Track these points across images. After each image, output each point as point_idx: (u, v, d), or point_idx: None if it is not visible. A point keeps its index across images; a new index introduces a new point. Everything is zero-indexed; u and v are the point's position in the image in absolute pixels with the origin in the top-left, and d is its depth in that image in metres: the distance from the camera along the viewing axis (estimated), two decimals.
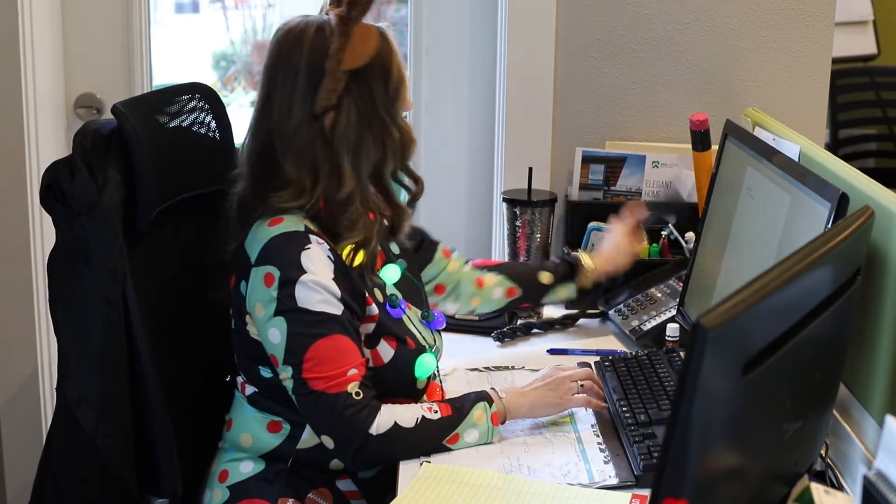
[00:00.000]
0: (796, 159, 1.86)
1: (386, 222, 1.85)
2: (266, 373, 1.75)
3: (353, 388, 1.65)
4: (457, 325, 2.18)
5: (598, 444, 1.75)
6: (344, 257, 1.73)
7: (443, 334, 2.00)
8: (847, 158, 3.42)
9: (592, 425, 1.81)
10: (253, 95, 5.63)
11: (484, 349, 2.14)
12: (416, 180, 1.83)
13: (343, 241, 1.74)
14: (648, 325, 2.14)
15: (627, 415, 1.78)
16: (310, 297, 1.66)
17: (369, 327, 1.75)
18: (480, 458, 1.71)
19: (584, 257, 2.12)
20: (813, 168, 1.74)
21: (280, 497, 1.76)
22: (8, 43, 2.39)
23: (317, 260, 1.68)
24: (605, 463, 1.69)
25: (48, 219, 2.32)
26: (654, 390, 1.83)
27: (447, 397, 1.84)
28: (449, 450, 1.71)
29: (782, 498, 1.38)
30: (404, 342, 1.78)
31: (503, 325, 2.21)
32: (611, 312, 2.24)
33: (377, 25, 1.75)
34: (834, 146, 4.22)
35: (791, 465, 1.41)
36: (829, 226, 1.56)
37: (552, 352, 2.12)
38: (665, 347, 2.02)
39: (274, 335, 1.68)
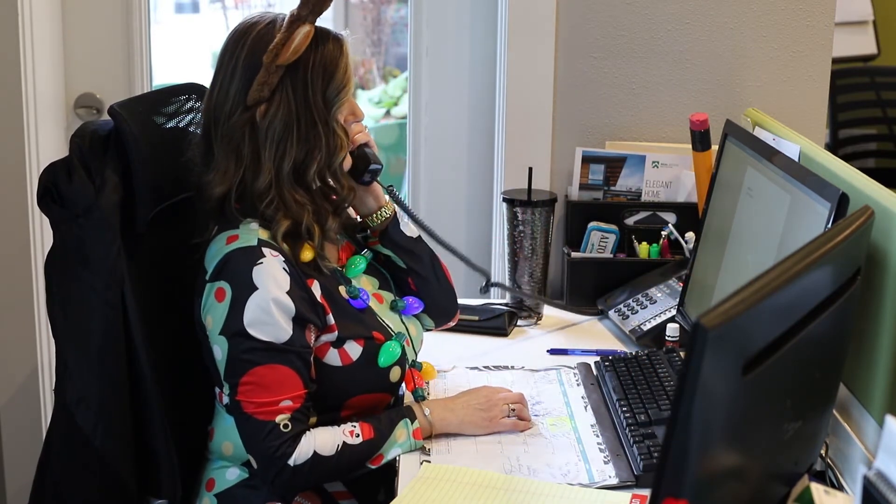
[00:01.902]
0: (796, 159, 1.86)
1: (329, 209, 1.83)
2: None
3: (281, 419, 1.66)
4: (457, 325, 2.17)
5: (598, 444, 1.75)
6: (303, 260, 1.74)
7: (442, 333, 2.01)
8: (847, 158, 3.42)
9: (592, 425, 1.81)
10: None
11: (484, 349, 2.14)
12: (343, 187, 1.79)
13: (276, 230, 1.73)
14: (648, 325, 2.14)
15: (627, 415, 1.78)
16: (256, 321, 1.66)
17: (332, 335, 1.75)
18: (480, 458, 1.71)
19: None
20: (813, 168, 1.74)
21: (266, 502, 1.76)
22: (8, 43, 2.39)
23: (269, 275, 1.68)
24: (605, 463, 1.70)
25: (48, 219, 2.32)
26: (654, 390, 1.83)
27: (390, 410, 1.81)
28: (371, 469, 1.72)
29: (782, 498, 1.38)
30: (371, 338, 1.78)
31: (503, 325, 2.21)
32: (611, 312, 2.24)
33: (333, 31, 1.77)
34: (834, 146, 4.22)
35: (791, 465, 1.41)
36: (829, 226, 1.56)
37: (552, 352, 2.12)
38: (665, 347, 2.02)
39: (217, 351, 1.70)
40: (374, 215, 1.89)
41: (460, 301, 2.01)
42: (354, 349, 1.76)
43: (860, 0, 4.17)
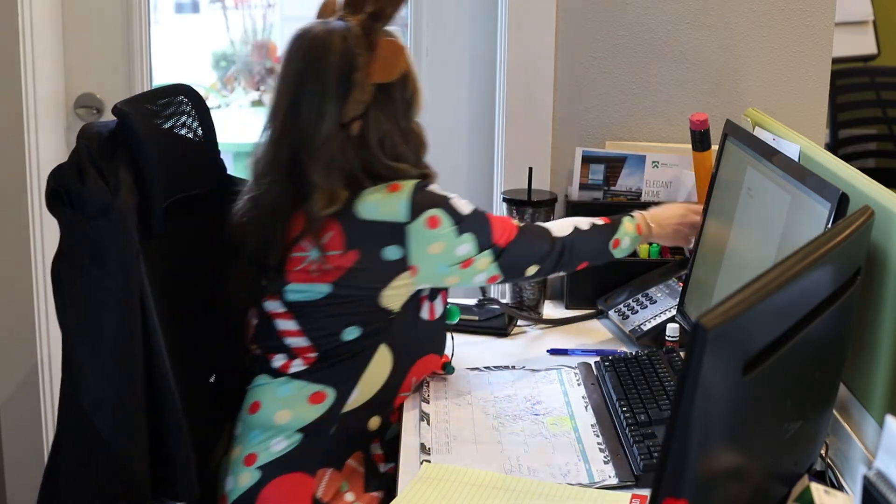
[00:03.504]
0: (796, 159, 1.86)
1: None
2: (351, 334, 1.82)
3: (518, 222, 1.92)
4: (457, 325, 2.17)
5: (598, 444, 1.75)
6: None
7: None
8: (847, 158, 3.42)
9: (592, 425, 1.81)
10: (253, 95, 5.67)
11: (484, 349, 2.14)
12: (432, 176, 1.91)
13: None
14: (648, 325, 2.14)
15: (627, 415, 1.78)
16: (465, 204, 1.86)
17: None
18: (480, 458, 1.71)
19: None
20: (813, 168, 1.74)
21: (320, 468, 1.81)
22: (8, 43, 2.39)
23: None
24: (605, 463, 1.70)
25: (48, 219, 2.32)
26: (654, 390, 1.83)
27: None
28: (612, 256, 2.01)
29: (782, 498, 1.38)
30: (445, 301, 1.95)
31: (503, 325, 2.21)
32: (611, 312, 2.24)
33: (396, 36, 1.81)
34: (834, 146, 4.22)
35: (791, 465, 1.41)
36: (829, 226, 1.56)
37: (552, 352, 2.12)
38: (665, 347, 2.02)
39: (464, 248, 1.83)
40: None
41: (460, 301, 2.02)
42: (439, 306, 1.91)
43: (860, 0, 4.17)
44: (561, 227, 1.96)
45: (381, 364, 1.85)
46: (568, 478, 1.66)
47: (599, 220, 2.00)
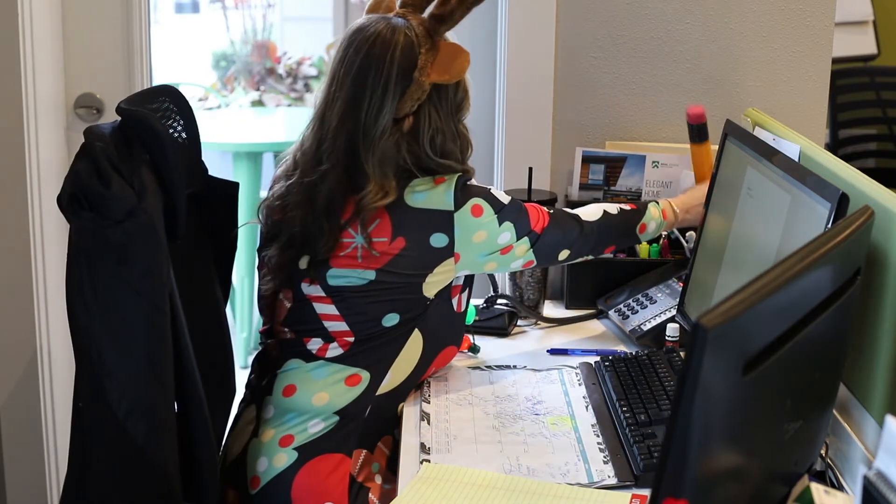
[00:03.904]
0: (796, 159, 1.86)
1: None
2: (391, 320, 1.85)
3: (548, 209, 1.98)
4: None
5: (598, 443, 1.75)
6: None
7: None
8: (847, 158, 3.42)
9: (592, 425, 1.81)
10: (253, 95, 5.66)
11: (484, 349, 2.14)
12: (469, 172, 1.96)
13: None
14: (648, 325, 2.14)
15: (627, 415, 1.78)
16: (503, 194, 1.92)
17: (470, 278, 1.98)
18: (480, 458, 1.71)
19: None
20: (813, 168, 1.74)
21: (355, 449, 1.85)
22: (8, 43, 2.39)
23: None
24: (605, 463, 1.70)
25: (48, 219, 2.32)
26: (654, 390, 1.83)
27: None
28: (638, 240, 2.10)
29: (782, 498, 1.38)
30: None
31: (503, 324, 2.21)
32: (611, 312, 2.24)
33: (454, 42, 1.89)
34: (834, 146, 4.22)
35: (791, 465, 1.41)
36: (829, 226, 1.56)
37: (552, 352, 2.12)
38: (665, 347, 2.02)
39: (505, 236, 1.90)
40: None
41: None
42: (465, 298, 1.97)
43: (860, 0, 4.17)
44: (590, 212, 2.02)
45: (412, 349, 1.89)
46: (567, 478, 1.66)
47: (627, 206, 2.07)
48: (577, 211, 2.02)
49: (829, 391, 1.50)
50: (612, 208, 2.05)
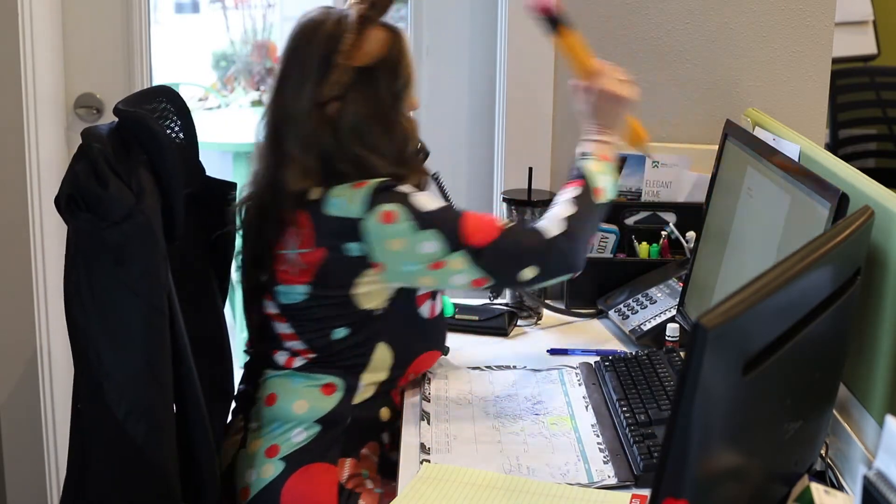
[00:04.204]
0: (796, 159, 1.86)
1: None
2: (339, 333, 1.83)
3: (504, 223, 1.83)
4: (457, 325, 2.18)
5: (598, 443, 1.75)
6: None
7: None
8: (847, 158, 3.42)
9: (592, 425, 1.81)
10: (253, 95, 5.69)
11: (484, 349, 2.14)
12: (415, 173, 1.89)
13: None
14: (648, 325, 2.14)
15: (627, 415, 1.78)
16: (431, 201, 1.81)
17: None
18: (480, 458, 1.71)
19: None
20: (813, 168, 1.74)
21: (340, 457, 1.84)
22: (8, 43, 2.39)
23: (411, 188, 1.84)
24: (605, 463, 1.70)
25: (48, 219, 2.32)
26: (654, 390, 1.83)
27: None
28: (601, 206, 1.88)
29: (782, 498, 1.38)
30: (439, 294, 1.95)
31: (503, 324, 2.21)
32: (611, 312, 2.24)
33: (393, 27, 1.85)
34: (834, 146, 4.22)
35: (791, 465, 1.41)
36: (829, 226, 1.56)
37: (552, 352, 2.12)
38: (665, 347, 2.02)
39: (428, 246, 1.79)
40: None
41: (461, 301, 2.01)
42: (439, 303, 1.92)
43: (860, 0, 4.17)
44: (550, 224, 1.83)
45: (380, 361, 1.87)
46: (567, 478, 1.66)
47: (570, 189, 1.88)
48: (538, 225, 1.85)
49: (829, 391, 1.50)
50: (566, 207, 1.85)
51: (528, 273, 1.82)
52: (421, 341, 1.91)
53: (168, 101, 1.88)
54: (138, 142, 1.74)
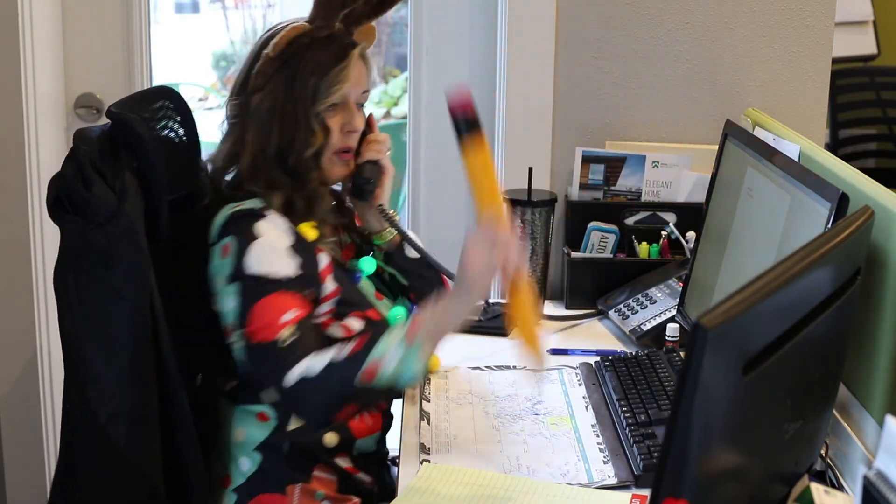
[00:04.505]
0: (796, 159, 1.86)
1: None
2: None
3: (281, 334, 1.68)
4: None
5: (598, 443, 1.75)
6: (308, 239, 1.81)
7: None
8: (847, 158, 3.42)
9: (592, 425, 1.81)
10: None
11: (484, 349, 2.14)
12: (312, 180, 1.83)
13: (270, 201, 1.80)
14: (648, 325, 2.14)
15: (627, 415, 1.78)
16: (261, 260, 1.71)
17: (331, 303, 1.79)
18: (480, 458, 1.71)
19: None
20: (813, 168, 1.74)
21: (287, 485, 1.79)
22: (8, 43, 2.39)
23: (272, 228, 1.75)
24: (605, 463, 1.70)
25: (48, 219, 2.32)
26: (654, 390, 1.83)
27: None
28: (376, 386, 1.61)
29: (782, 498, 1.38)
30: (367, 316, 1.82)
31: (503, 325, 2.21)
32: (611, 312, 2.24)
33: (353, 40, 1.84)
34: (834, 146, 4.22)
35: (791, 465, 1.41)
36: (829, 226, 1.56)
37: (552, 352, 2.12)
38: (665, 347, 2.02)
39: (229, 302, 1.73)
40: (378, 235, 1.94)
41: None
42: (356, 323, 1.81)
43: (860, 0, 4.17)
44: (313, 361, 1.65)
45: None
46: (567, 478, 1.66)
47: (366, 342, 1.65)
48: (301, 364, 1.65)
49: (829, 391, 1.50)
50: (345, 355, 1.64)
51: (271, 395, 1.72)
52: None
53: (170, 102, 1.88)
54: (126, 144, 1.75)
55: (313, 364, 1.65)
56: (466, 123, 1.65)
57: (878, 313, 1.53)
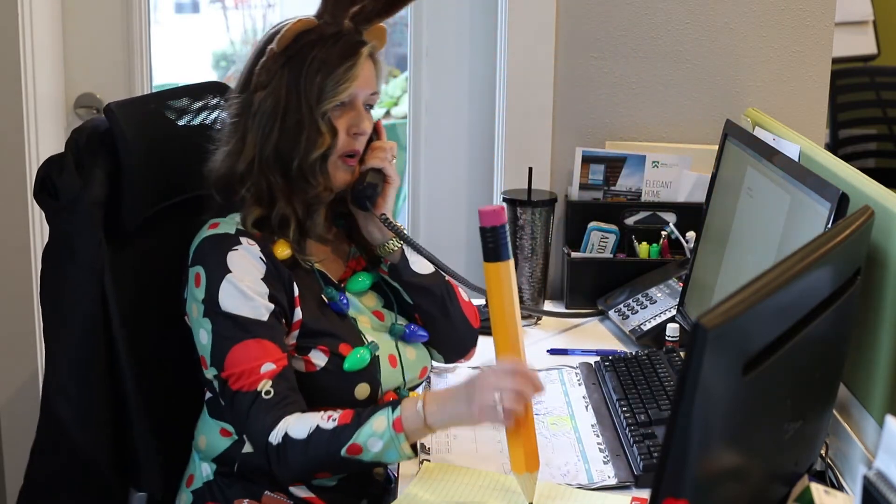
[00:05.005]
0: (796, 159, 1.86)
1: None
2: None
3: (263, 385, 1.64)
4: None
5: (598, 444, 1.75)
6: (280, 257, 1.73)
7: None
8: (847, 158, 3.42)
9: (593, 425, 1.81)
10: None
11: (485, 349, 2.14)
12: (318, 184, 1.74)
13: (246, 216, 1.73)
14: (648, 325, 2.14)
15: (627, 415, 1.78)
16: (233, 300, 1.66)
17: (294, 334, 1.72)
18: (480, 458, 1.71)
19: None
20: (813, 168, 1.74)
21: (236, 499, 1.75)
22: (8, 43, 2.39)
23: (243, 261, 1.69)
24: (605, 463, 1.70)
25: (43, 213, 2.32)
26: (654, 390, 1.83)
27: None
28: (358, 462, 1.59)
29: (782, 498, 1.38)
30: (336, 349, 1.73)
31: None
32: (611, 312, 2.24)
33: (363, 39, 1.75)
34: (834, 146, 4.22)
35: (791, 465, 1.41)
36: (829, 226, 1.56)
37: (552, 352, 2.12)
38: (665, 347, 2.02)
39: (203, 336, 1.69)
40: (381, 247, 1.82)
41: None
42: (319, 357, 1.72)
43: (860, 0, 4.17)
44: (298, 423, 1.61)
45: None
46: (567, 478, 1.66)
47: (353, 416, 1.61)
48: (284, 423, 1.61)
49: (829, 391, 1.50)
50: (325, 426, 1.60)
51: (250, 443, 1.70)
52: (310, 398, 1.69)
53: (217, 96, 1.93)
54: (110, 140, 1.79)
55: (299, 425, 1.61)
56: (495, 251, 1.57)
57: (878, 313, 1.53)
